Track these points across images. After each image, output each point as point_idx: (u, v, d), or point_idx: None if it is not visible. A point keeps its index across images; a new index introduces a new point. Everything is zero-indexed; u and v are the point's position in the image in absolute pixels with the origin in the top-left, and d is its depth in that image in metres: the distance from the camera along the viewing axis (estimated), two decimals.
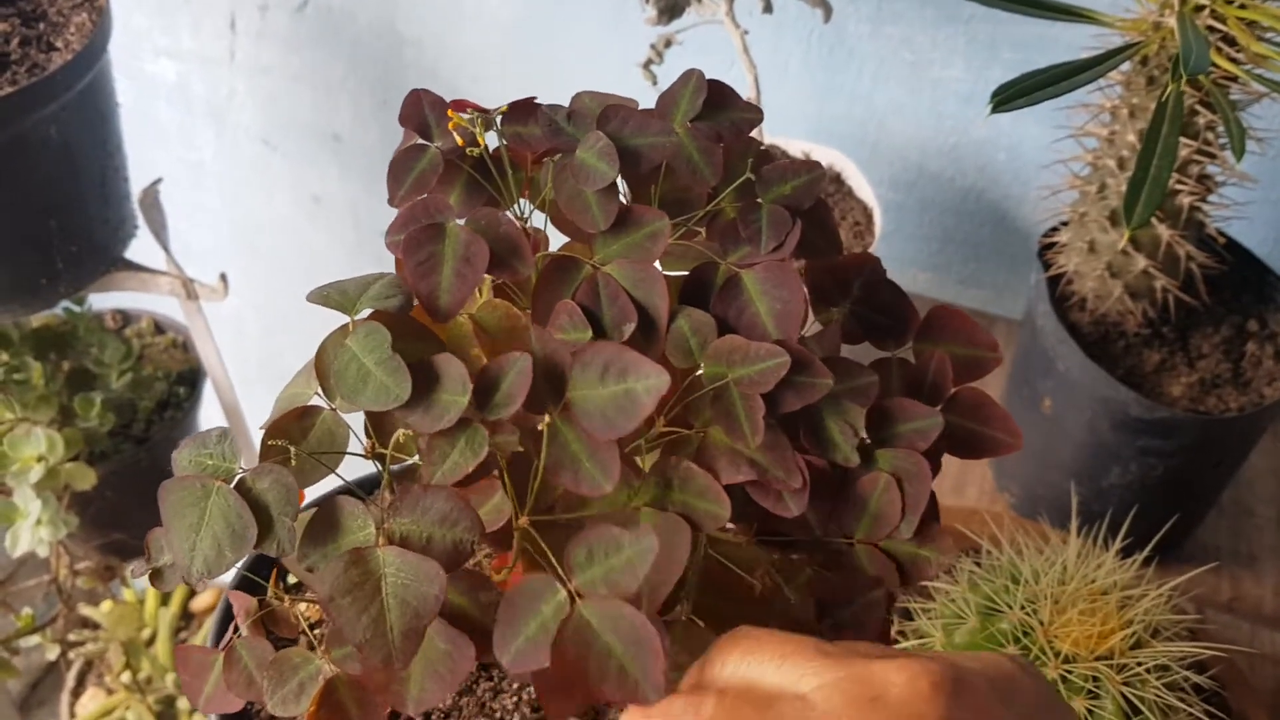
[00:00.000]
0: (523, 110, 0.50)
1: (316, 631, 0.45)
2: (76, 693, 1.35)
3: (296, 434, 0.43)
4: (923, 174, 0.96)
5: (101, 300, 1.15)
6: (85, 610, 1.31)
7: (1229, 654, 0.68)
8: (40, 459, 0.92)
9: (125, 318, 1.15)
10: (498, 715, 0.58)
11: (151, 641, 1.36)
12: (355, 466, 0.46)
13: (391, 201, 0.49)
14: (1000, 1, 0.61)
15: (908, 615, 0.64)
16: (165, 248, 0.95)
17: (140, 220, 0.98)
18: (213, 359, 1.03)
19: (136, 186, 0.96)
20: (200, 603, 1.41)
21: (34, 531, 0.93)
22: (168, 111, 1.26)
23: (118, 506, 1.06)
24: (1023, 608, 0.58)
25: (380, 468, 0.43)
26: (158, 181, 0.94)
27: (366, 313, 0.44)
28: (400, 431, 0.43)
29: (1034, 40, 0.88)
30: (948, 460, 0.49)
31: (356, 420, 0.45)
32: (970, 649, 0.59)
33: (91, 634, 1.30)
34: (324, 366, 0.45)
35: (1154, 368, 0.75)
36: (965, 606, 0.59)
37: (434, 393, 0.43)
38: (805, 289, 0.48)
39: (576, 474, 0.43)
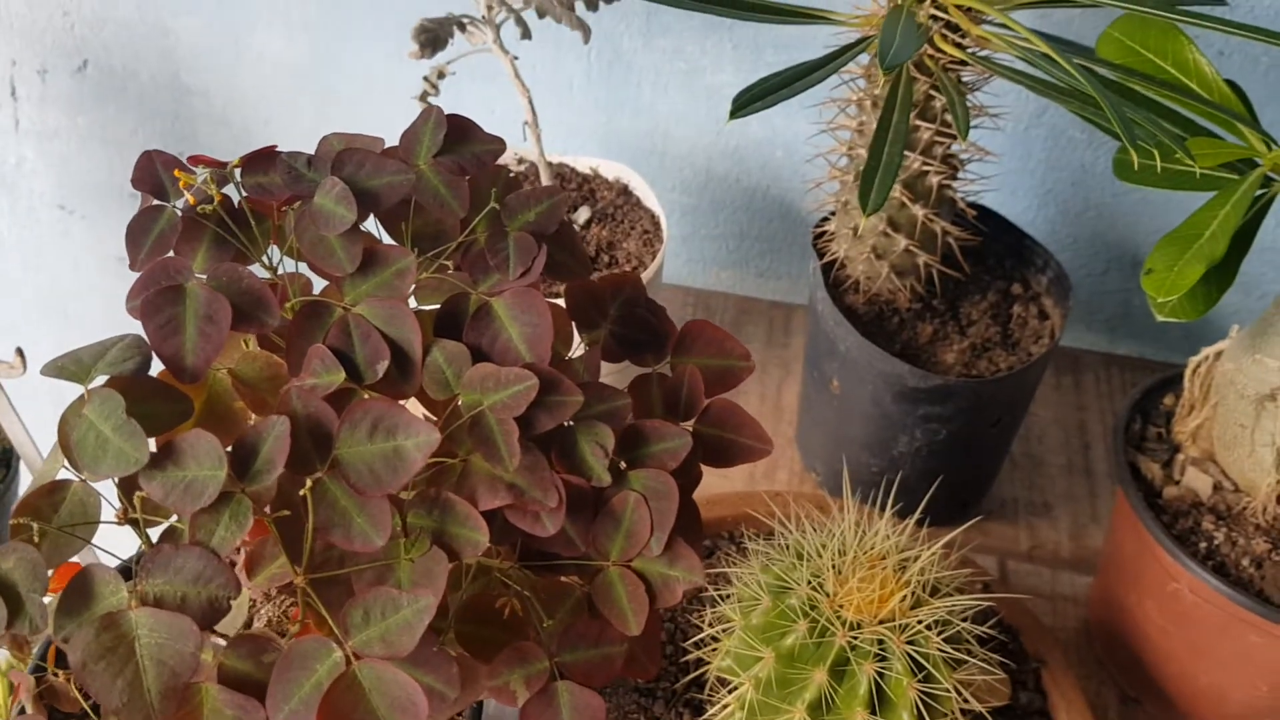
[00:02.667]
0: (262, 160, 0.51)
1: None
2: None
3: (47, 510, 0.43)
4: (711, 177, 1.00)
5: None
6: None
7: (1025, 600, 0.72)
8: None
9: None
10: None
11: None
12: (116, 537, 0.46)
13: (132, 266, 0.49)
14: (714, 6, 0.64)
15: (714, 602, 0.66)
16: None
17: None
18: (20, 436, 1.00)
19: None
20: None
21: None
22: None
23: None
24: (809, 582, 0.61)
25: (136, 533, 0.44)
26: None
27: (102, 379, 0.45)
28: (143, 497, 0.43)
29: (795, 40, 0.92)
30: None
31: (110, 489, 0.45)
32: (767, 629, 0.61)
33: None
34: (66, 438, 0.45)
35: (928, 339, 0.79)
36: (759, 588, 0.62)
37: (187, 468, 0.43)
38: (557, 310, 0.50)
39: (348, 531, 0.44)
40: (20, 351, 0.94)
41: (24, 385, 1.07)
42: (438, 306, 0.50)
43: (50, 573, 0.41)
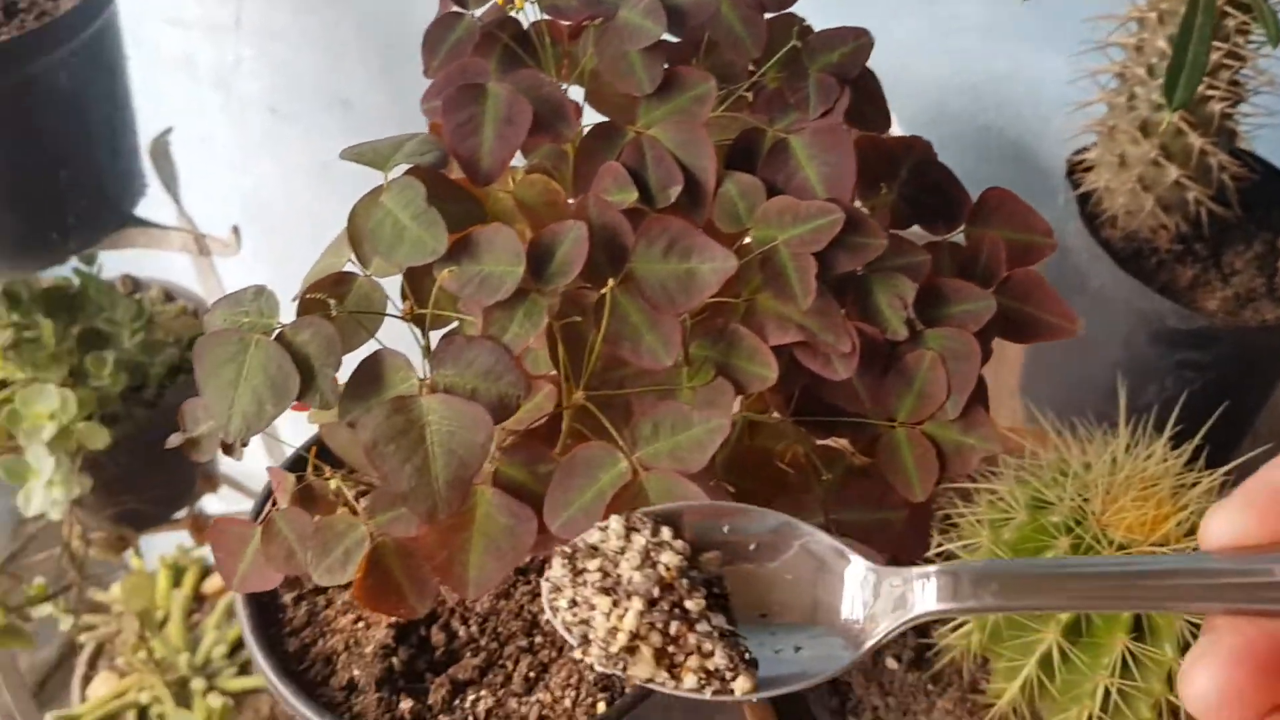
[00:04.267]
0: None
1: (360, 503, 0.44)
2: (88, 677, 1.32)
3: (333, 298, 0.42)
4: (942, 112, 0.95)
5: (110, 268, 1.13)
6: (96, 595, 1.29)
7: None
8: (52, 416, 0.91)
9: (136, 284, 1.13)
10: (534, 618, 0.57)
11: (164, 624, 1.34)
12: (392, 338, 0.45)
13: (426, 71, 0.48)
14: None
15: (949, 523, 0.62)
16: (176, 199, 0.94)
17: (150, 179, 0.97)
18: None
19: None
20: (213, 584, 1.39)
21: (46, 492, 0.91)
22: (174, 81, 1.25)
23: (129, 472, 1.04)
24: (1073, 499, 0.56)
25: (419, 330, 0.42)
26: (167, 132, 0.93)
27: (401, 169, 0.43)
28: (437, 290, 0.41)
29: None
30: None
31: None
32: (1020, 544, 0.57)
33: (103, 618, 1.28)
34: (357, 230, 0.44)
35: (1188, 283, 0.74)
36: (1013, 502, 0.58)
37: (484, 262, 0.41)
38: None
39: (637, 346, 0.41)
40: (236, 230, 0.96)
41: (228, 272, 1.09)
42: (727, 142, 0.47)
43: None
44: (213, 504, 1.21)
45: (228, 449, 0.43)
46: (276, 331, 0.40)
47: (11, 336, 0.95)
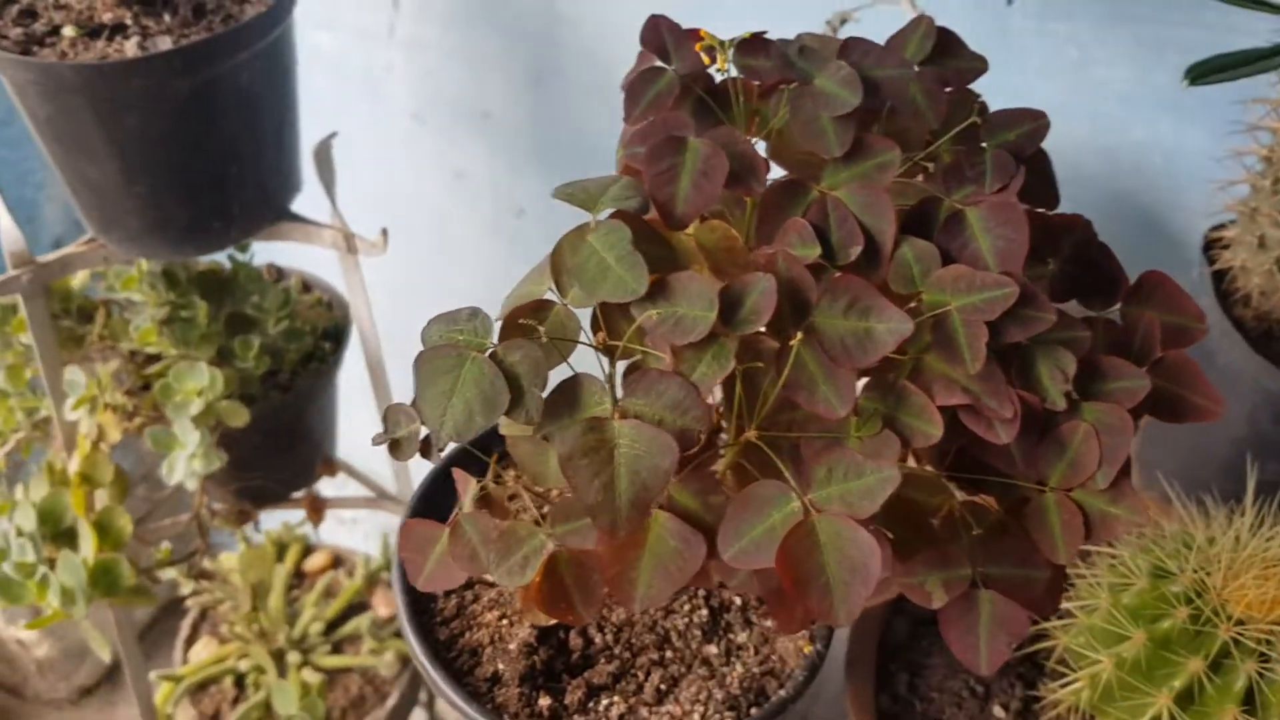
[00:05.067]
0: (755, 45, 0.52)
1: (538, 512, 0.47)
2: (190, 640, 1.38)
3: (534, 323, 0.45)
4: (1078, 173, 0.97)
5: (257, 256, 1.19)
6: (204, 563, 1.35)
7: None
8: (200, 393, 0.96)
9: (279, 273, 1.19)
10: (665, 633, 0.60)
11: (265, 597, 1.40)
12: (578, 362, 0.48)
13: (628, 119, 0.51)
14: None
15: (1065, 582, 0.64)
16: (333, 200, 0.99)
17: (304, 177, 1.02)
18: (364, 313, 1.07)
19: None
20: (313, 563, 1.45)
21: (189, 463, 0.97)
22: (324, 81, 1.31)
23: (259, 450, 1.09)
24: (1195, 571, 0.58)
25: (608, 359, 0.45)
26: (332, 136, 0.98)
27: (608, 212, 0.47)
28: (633, 327, 0.44)
29: (1202, 44, 0.88)
30: None
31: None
32: (1140, 610, 0.59)
33: (208, 585, 1.34)
34: (560, 263, 0.47)
35: None
36: (1135, 569, 0.60)
37: (679, 305, 0.44)
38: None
39: (812, 395, 0.44)
40: (385, 231, 1.00)
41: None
42: (904, 208, 0.50)
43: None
44: (327, 487, 1.26)
45: (426, 451, 0.47)
46: (489, 350, 0.44)
47: (167, 314, 1.00)
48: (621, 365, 0.46)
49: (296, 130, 0.99)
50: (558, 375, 0.46)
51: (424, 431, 0.48)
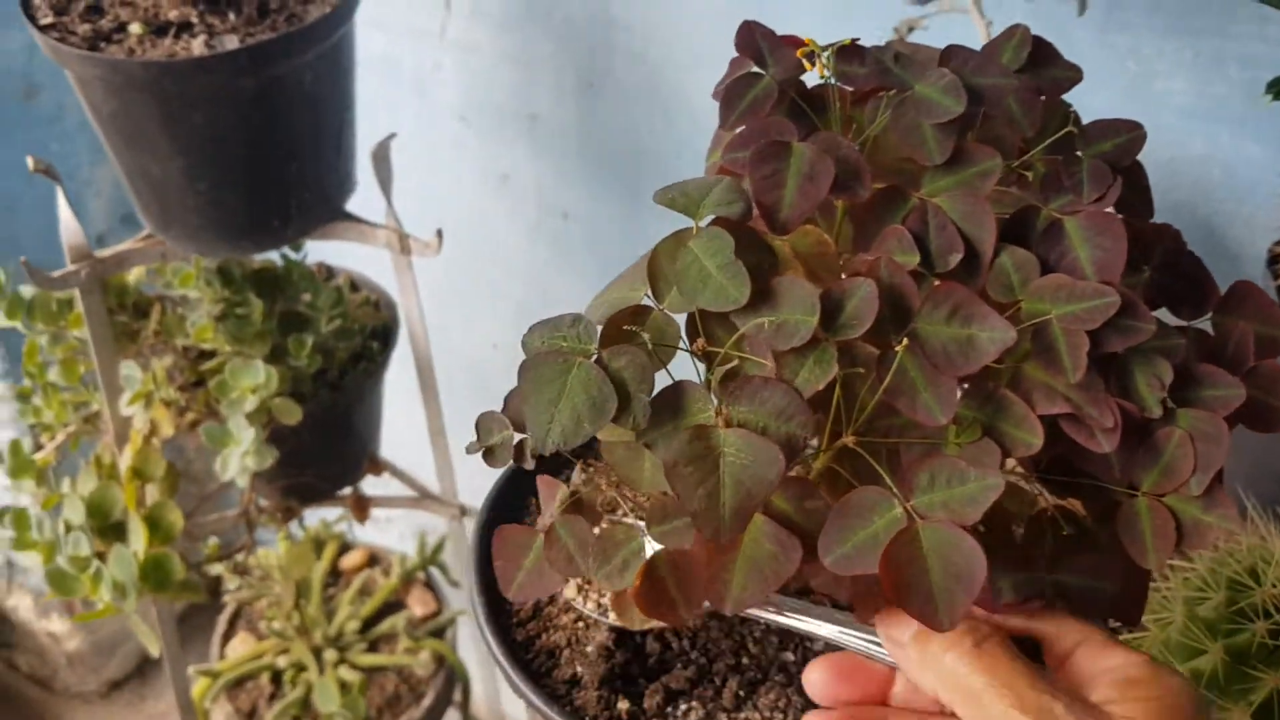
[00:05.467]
0: (851, 52, 0.52)
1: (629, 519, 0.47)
2: (227, 635, 1.39)
3: (634, 329, 0.45)
4: None
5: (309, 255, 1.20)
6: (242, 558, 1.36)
7: None
8: (255, 390, 0.96)
9: (329, 271, 1.20)
10: (742, 639, 0.60)
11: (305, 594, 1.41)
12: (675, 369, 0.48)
13: (724, 125, 0.51)
14: None
15: None
16: (389, 201, 1.00)
17: (362, 178, 1.02)
18: (414, 314, 1.07)
19: None
20: (349, 561, 1.45)
21: (242, 460, 0.97)
22: (372, 81, 1.31)
23: (308, 448, 1.10)
24: (1274, 585, 0.58)
25: (705, 366, 0.46)
26: (391, 137, 0.99)
27: (710, 218, 0.47)
28: (738, 334, 0.45)
29: (1265, 58, 0.88)
30: None
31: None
32: (1216, 624, 0.59)
33: (247, 580, 1.35)
34: (658, 269, 0.47)
35: None
36: (1211, 581, 0.60)
37: (781, 311, 0.44)
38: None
39: (913, 401, 0.44)
40: (440, 233, 1.01)
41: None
42: (1002, 216, 0.50)
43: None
44: (371, 486, 1.27)
45: (519, 457, 0.47)
46: (595, 356, 0.44)
47: (221, 310, 1.01)
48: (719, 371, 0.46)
49: (354, 131, 1.00)
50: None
51: (517, 437, 0.48)
